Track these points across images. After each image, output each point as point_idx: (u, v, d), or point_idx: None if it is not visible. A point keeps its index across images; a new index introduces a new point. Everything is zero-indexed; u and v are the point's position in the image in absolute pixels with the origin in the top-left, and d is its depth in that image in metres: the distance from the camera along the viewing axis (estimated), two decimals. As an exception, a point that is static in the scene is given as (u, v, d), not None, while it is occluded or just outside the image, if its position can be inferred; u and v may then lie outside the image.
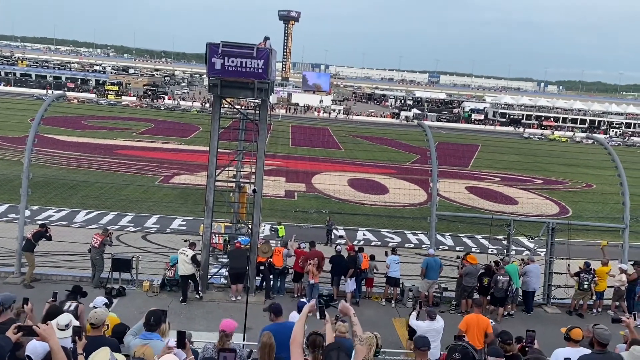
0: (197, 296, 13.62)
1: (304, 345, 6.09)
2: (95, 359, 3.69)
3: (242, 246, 14.60)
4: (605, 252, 15.72)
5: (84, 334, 5.11)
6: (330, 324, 3.53)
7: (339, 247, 15.89)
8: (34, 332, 4.43)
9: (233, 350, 2.65)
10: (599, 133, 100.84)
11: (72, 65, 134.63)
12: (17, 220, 15.30)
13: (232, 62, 12.51)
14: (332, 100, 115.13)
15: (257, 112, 14.05)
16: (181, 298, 13.51)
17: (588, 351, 7.07)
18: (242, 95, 13.67)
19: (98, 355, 3.81)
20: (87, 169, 34.90)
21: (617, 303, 15.37)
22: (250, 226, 14.21)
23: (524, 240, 21.58)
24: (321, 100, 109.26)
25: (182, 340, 4.77)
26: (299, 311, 6.60)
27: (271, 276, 14.61)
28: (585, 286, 14.84)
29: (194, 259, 13.38)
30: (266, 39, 13.10)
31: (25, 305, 6.21)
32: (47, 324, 4.50)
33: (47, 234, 14.29)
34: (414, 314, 10.24)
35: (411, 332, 9.96)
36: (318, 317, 4.83)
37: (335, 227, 23.60)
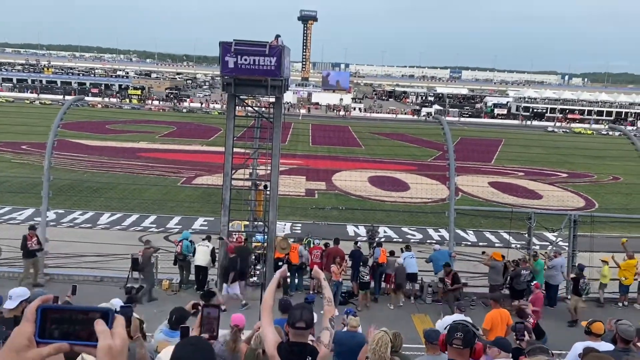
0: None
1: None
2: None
3: (243, 242, 14.71)
4: (626, 247, 15.28)
5: None
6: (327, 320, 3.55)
7: (359, 243, 15.87)
8: None
9: (217, 306, 2.69)
10: (626, 125, 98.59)
11: (96, 71, 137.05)
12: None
13: (245, 60, 12.57)
14: (352, 99, 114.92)
15: (272, 109, 14.09)
16: (195, 286, 13.78)
17: (610, 346, 6.86)
18: (255, 93, 13.74)
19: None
20: (110, 172, 35.43)
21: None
22: (267, 224, 14.26)
23: (548, 234, 21.21)
24: (341, 99, 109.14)
25: (186, 335, 4.78)
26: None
27: (288, 273, 14.63)
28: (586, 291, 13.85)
29: (213, 252, 13.61)
30: (277, 36, 13.13)
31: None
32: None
33: (27, 244, 13.71)
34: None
35: None
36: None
37: (377, 235, 19.24)
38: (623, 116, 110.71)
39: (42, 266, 14.47)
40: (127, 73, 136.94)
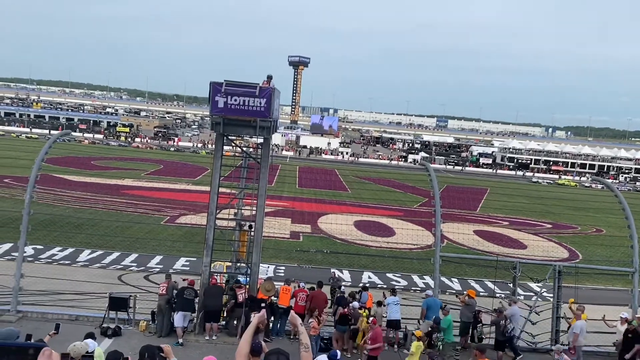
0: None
1: None
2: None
3: (218, 282, 14.40)
4: (572, 308, 14.71)
5: None
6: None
7: (342, 288, 15.62)
8: None
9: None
10: (608, 178, 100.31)
11: (85, 107, 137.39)
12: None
13: (235, 100, 12.63)
14: (340, 143, 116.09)
15: (260, 149, 14.09)
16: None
17: None
18: (244, 133, 13.76)
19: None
20: (93, 209, 34.94)
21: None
22: (249, 265, 14.03)
23: (532, 284, 21.10)
24: (329, 143, 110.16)
25: None
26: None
27: (272, 317, 14.27)
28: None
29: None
30: (269, 78, 13.24)
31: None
32: None
33: None
34: None
35: None
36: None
37: (340, 284, 18.19)
38: (605, 169, 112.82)
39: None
40: (117, 110, 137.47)
